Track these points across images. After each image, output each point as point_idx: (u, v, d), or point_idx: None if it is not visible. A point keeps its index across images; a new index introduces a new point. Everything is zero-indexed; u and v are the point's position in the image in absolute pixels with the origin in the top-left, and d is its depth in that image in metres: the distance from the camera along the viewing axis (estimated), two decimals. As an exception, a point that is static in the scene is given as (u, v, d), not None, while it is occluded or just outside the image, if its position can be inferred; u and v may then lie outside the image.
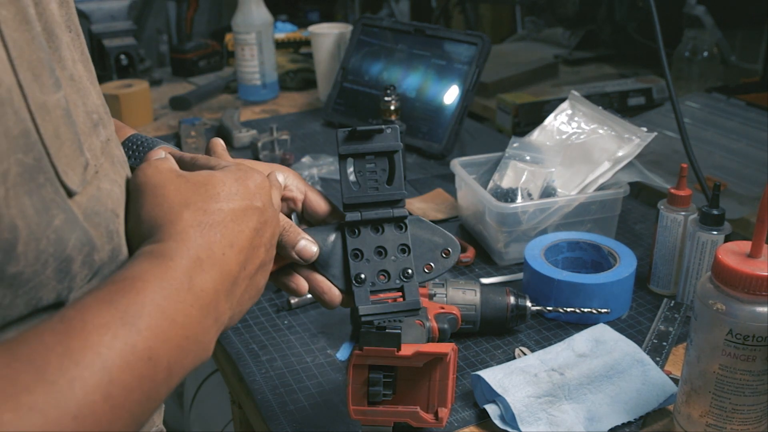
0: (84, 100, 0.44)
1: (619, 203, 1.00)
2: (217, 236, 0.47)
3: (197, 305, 0.43)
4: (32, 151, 0.37)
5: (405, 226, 0.65)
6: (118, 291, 0.40)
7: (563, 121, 1.09)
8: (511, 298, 0.83)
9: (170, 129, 1.52)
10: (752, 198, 1.13)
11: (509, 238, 0.97)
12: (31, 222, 0.37)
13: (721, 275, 0.61)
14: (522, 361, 0.75)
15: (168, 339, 0.40)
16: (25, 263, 0.37)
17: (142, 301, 0.40)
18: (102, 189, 0.43)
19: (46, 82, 0.39)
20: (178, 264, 0.43)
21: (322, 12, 3.23)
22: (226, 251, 0.47)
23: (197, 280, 0.44)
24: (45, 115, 0.38)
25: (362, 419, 0.63)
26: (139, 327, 0.39)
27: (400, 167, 0.64)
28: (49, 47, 0.41)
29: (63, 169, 0.39)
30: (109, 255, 0.43)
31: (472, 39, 1.36)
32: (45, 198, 0.38)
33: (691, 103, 1.45)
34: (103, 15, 1.72)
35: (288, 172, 0.65)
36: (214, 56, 1.91)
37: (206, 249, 0.46)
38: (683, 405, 0.66)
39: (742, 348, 0.60)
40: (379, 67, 1.47)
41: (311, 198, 0.65)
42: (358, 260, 0.64)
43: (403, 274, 0.64)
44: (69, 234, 0.39)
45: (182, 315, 0.42)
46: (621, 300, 0.87)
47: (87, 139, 0.43)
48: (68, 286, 0.40)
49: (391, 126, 0.64)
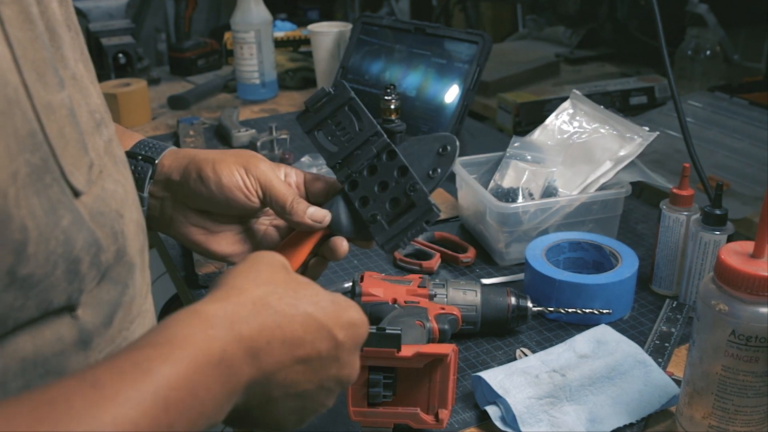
0: (86, 100, 0.44)
1: (620, 203, 0.99)
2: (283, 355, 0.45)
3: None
4: (39, 151, 0.37)
5: (394, 152, 0.68)
6: (155, 358, 0.38)
7: (564, 121, 1.08)
8: (512, 299, 0.82)
9: (168, 128, 1.51)
10: (755, 198, 1.13)
11: (510, 238, 0.96)
12: (41, 223, 0.36)
13: (724, 276, 0.60)
14: (523, 362, 0.74)
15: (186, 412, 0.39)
16: (36, 264, 0.36)
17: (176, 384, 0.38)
18: (106, 189, 0.43)
19: (50, 81, 0.38)
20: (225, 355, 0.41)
21: (321, 10, 3.23)
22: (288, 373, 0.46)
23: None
24: (50, 114, 0.38)
25: (362, 421, 0.63)
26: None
27: (363, 110, 0.68)
28: (52, 46, 0.40)
29: (69, 169, 0.39)
30: (115, 256, 0.43)
31: (473, 38, 1.35)
32: (52, 198, 0.37)
33: (693, 102, 1.44)
34: (101, 13, 1.71)
35: (289, 169, 0.72)
36: (213, 55, 1.90)
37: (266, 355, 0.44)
38: (685, 406, 0.66)
39: (745, 349, 0.60)
40: (379, 66, 1.46)
41: (309, 179, 0.72)
42: (368, 206, 0.68)
43: (409, 190, 0.67)
44: (76, 234, 0.39)
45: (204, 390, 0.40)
46: (623, 300, 0.86)
47: (90, 139, 0.42)
48: (78, 288, 0.39)
49: (336, 83, 0.68)
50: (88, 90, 0.44)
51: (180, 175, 0.68)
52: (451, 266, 0.99)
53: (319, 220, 0.67)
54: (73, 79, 0.42)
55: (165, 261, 1.11)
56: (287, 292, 0.46)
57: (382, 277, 0.84)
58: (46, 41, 0.39)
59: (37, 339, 0.38)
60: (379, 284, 0.81)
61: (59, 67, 0.40)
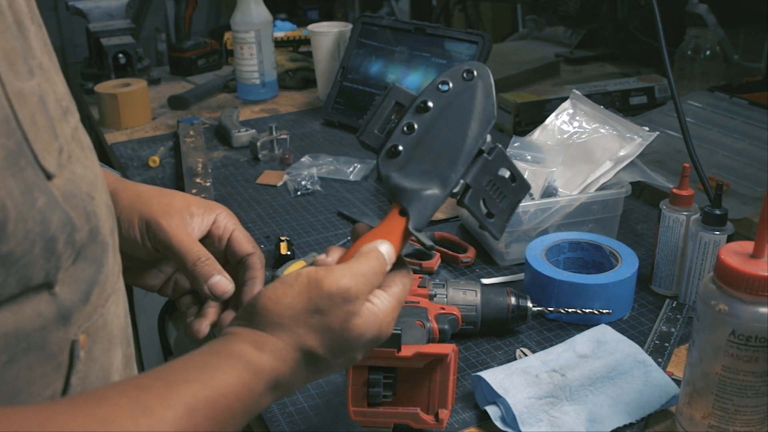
0: (53, 89, 0.45)
1: (620, 203, 0.99)
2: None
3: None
4: (13, 136, 0.38)
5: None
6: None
7: (564, 121, 1.08)
8: (512, 299, 0.82)
9: (168, 128, 1.51)
10: (755, 198, 1.13)
11: (510, 238, 0.96)
12: (18, 203, 0.38)
13: (724, 276, 0.60)
14: (523, 362, 0.74)
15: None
16: (15, 242, 0.38)
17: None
18: (76, 173, 0.45)
19: (21, 69, 0.40)
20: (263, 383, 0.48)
21: (321, 10, 3.23)
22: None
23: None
24: (22, 101, 0.39)
25: (362, 420, 0.63)
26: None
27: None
28: (20, 36, 0.42)
29: (41, 153, 0.40)
30: (88, 235, 0.44)
31: (473, 38, 1.35)
32: (28, 181, 0.39)
33: (693, 102, 1.44)
34: (101, 14, 1.71)
35: (222, 210, 0.66)
36: (213, 55, 1.90)
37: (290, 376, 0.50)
38: (685, 406, 0.66)
39: (745, 349, 0.60)
40: (379, 66, 1.46)
41: (236, 237, 0.65)
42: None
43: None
44: (51, 215, 0.40)
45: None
46: (623, 300, 0.86)
47: (59, 126, 0.44)
48: (55, 266, 0.41)
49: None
50: (53, 80, 0.46)
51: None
52: (451, 266, 0.99)
53: (219, 294, 0.61)
54: (40, 68, 0.44)
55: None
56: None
57: (382, 277, 0.84)
58: (15, 32, 0.41)
59: (18, 315, 0.40)
60: (379, 284, 0.81)
61: (28, 56, 0.42)
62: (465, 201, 0.58)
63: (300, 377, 0.51)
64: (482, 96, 0.60)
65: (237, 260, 0.65)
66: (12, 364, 0.40)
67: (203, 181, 1.23)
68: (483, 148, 0.60)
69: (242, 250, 0.65)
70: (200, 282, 0.61)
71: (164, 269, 0.68)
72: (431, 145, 0.59)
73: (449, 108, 0.60)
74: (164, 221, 0.62)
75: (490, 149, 0.60)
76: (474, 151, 0.59)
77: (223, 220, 0.65)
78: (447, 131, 0.59)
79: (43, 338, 0.42)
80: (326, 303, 0.50)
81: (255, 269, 0.65)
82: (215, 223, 0.65)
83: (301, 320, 0.50)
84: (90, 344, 0.45)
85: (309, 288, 0.50)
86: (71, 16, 1.77)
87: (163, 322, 1.26)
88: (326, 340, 0.50)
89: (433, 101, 0.60)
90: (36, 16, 0.46)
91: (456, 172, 0.58)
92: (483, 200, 0.60)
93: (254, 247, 0.66)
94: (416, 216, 0.56)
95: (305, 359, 0.50)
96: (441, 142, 0.59)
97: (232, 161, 1.35)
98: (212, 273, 0.61)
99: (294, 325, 0.50)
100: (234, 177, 1.29)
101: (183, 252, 0.61)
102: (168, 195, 0.64)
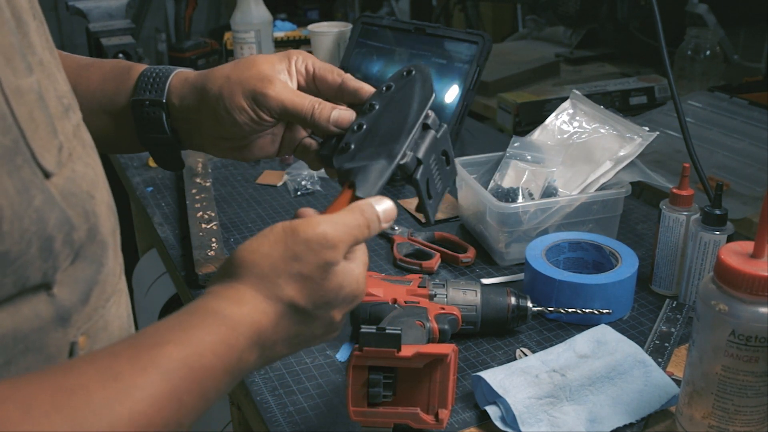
0: (54, 86, 0.45)
1: (620, 203, 0.99)
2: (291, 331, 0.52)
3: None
4: (9, 133, 0.38)
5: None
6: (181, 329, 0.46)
7: (564, 121, 1.08)
8: (512, 299, 0.82)
9: (169, 128, 1.51)
10: (755, 198, 1.13)
11: (510, 238, 0.96)
12: (14, 201, 0.38)
13: (724, 276, 0.60)
14: (523, 362, 0.74)
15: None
16: (11, 241, 0.38)
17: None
18: (77, 171, 0.44)
19: (18, 66, 0.39)
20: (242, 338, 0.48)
21: (321, 10, 3.23)
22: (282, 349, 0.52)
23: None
24: (19, 98, 0.39)
25: (362, 420, 0.63)
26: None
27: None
28: (19, 33, 0.41)
29: (39, 151, 0.40)
30: (87, 235, 0.44)
31: (473, 38, 1.35)
32: (24, 179, 0.39)
33: (693, 102, 1.44)
34: (100, 13, 1.71)
35: (293, 55, 0.68)
36: (213, 55, 1.90)
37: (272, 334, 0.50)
38: (685, 406, 0.66)
39: (745, 349, 0.60)
40: (379, 66, 1.46)
41: (319, 74, 0.68)
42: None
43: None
44: (49, 214, 0.40)
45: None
46: (623, 300, 0.86)
47: (59, 123, 0.43)
48: (53, 266, 0.41)
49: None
50: (55, 76, 0.46)
51: (195, 113, 0.67)
52: (451, 266, 0.99)
53: (346, 123, 0.64)
54: (41, 65, 0.43)
55: (165, 261, 1.11)
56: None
57: (382, 277, 0.84)
58: (13, 27, 0.40)
59: (15, 316, 0.40)
60: (379, 284, 0.81)
61: (27, 53, 0.41)
62: (417, 176, 0.61)
63: (283, 333, 0.50)
64: (421, 83, 0.65)
65: (332, 89, 0.68)
66: (10, 366, 0.40)
67: (203, 181, 1.23)
68: (428, 123, 0.63)
69: (332, 80, 0.67)
70: (323, 125, 0.64)
71: (275, 133, 0.70)
72: (377, 132, 0.63)
73: (392, 101, 0.64)
74: (269, 91, 0.64)
75: (438, 127, 0.64)
76: (416, 122, 0.62)
77: (301, 64, 0.68)
78: (391, 117, 0.63)
79: (41, 340, 0.41)
80: (303, 249, 0.50)
81: (351, 85, 0.67)
82: (297, 68, 0.68)
83: (279, 269, 0.50)
84: (90, 346, 0.45)
85: (285, 235, 0.50)
86: (71, 16, 1.76)
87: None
88: (306, 289, 0.50)
89: (378, 101, 0.65)
90: (38, 11, 0.46)
91: (400, 143, 0.61)
92: (427, 180, 0.63)
93: (339, 74, 0.68)
94: (362, 183, 0.59)
95: (287, 311, 0.50)
96: (386, 127, 0.63)
97: (232, 161, 1.35)
98: (329, 112, 0.64)
99: (273, 275, 0.49)
100: (234, 177, 1.29)
101: (298, 109, 0.64)
102: (252, 65, 0.66)
